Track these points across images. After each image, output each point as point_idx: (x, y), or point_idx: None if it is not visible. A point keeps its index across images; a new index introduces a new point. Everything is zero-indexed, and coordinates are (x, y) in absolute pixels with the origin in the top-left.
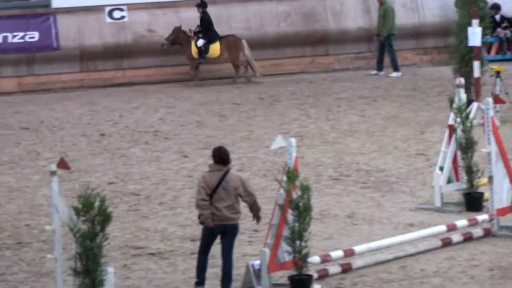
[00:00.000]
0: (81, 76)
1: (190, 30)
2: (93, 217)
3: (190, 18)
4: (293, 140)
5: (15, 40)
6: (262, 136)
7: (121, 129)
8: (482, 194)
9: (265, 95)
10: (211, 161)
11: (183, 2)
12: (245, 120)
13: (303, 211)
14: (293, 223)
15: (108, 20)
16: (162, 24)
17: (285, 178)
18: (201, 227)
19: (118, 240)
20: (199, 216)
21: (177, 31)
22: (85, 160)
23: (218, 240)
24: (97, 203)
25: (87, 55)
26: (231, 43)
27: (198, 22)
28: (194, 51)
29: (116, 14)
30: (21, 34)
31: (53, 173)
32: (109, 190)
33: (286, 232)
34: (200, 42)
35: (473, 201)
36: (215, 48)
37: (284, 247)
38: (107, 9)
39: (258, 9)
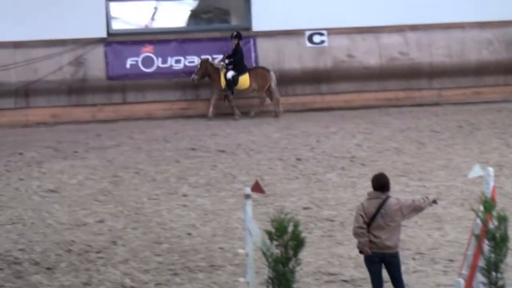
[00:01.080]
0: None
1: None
2: (286, 241)
3: (390, 44)
4: (491, 169)
5: (215, 62)
6: (460, 165)
7: (318, 154)
8: None
9: (464, 123)
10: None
11: (384, 27)
12: (444, 148)
13: (499, 242)
14: (489, 253)
15: (308, 44)
16: (362, 49)
17: (482, 207)
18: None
19: (311, 266)
20: (358, 244)
21: (205, 63)
22: (280, 185)
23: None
24: (290, 228)
25: (286, 79)
26: (260, 75)
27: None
28: (223, 83)
29: (316, 38)
30: (221, 56)
31: (248, 197)
32: (303, 215)
33: (481, 262)
34: (230, 74)
35: None
36: (244, 80)
37: (480, 278)
38: (307, 33)
39: (460, 36)
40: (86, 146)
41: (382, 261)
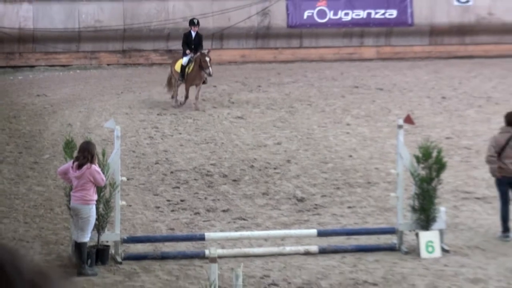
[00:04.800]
0: (429, 48)
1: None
2: (431, 164)
3: None
4: None
5: (377, 16)
6: None
7: (459, 94)
8: None
9: None
10: None
11: None
12: None
13: None
14: None
15: (455, 3)
16: (501, 9)
17: None
18: None
19: (450, 185)
20: (489, 169)
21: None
22: (427, 118)
23: None
24: (435, 154)
25: (436, 31)
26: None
27: None
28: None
29: None
30: (382, 11)
31: (400, 127)
32: (445, 143)
33: None
34: (185, 59)
35: None
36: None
37: None
38: None
39: None
40: (268, 81)
41: (509, 183)
